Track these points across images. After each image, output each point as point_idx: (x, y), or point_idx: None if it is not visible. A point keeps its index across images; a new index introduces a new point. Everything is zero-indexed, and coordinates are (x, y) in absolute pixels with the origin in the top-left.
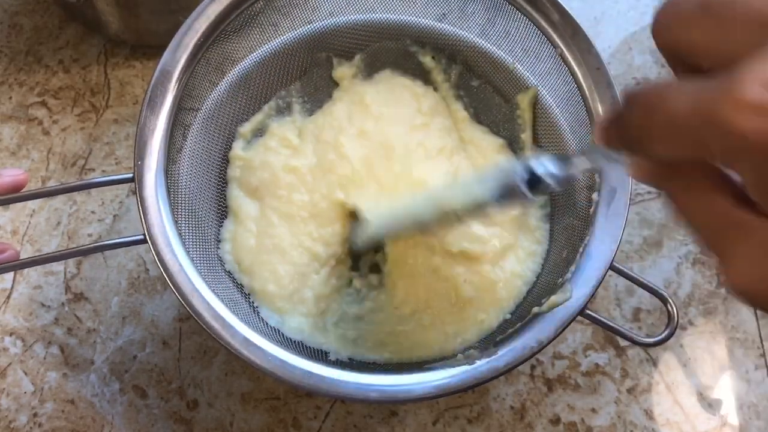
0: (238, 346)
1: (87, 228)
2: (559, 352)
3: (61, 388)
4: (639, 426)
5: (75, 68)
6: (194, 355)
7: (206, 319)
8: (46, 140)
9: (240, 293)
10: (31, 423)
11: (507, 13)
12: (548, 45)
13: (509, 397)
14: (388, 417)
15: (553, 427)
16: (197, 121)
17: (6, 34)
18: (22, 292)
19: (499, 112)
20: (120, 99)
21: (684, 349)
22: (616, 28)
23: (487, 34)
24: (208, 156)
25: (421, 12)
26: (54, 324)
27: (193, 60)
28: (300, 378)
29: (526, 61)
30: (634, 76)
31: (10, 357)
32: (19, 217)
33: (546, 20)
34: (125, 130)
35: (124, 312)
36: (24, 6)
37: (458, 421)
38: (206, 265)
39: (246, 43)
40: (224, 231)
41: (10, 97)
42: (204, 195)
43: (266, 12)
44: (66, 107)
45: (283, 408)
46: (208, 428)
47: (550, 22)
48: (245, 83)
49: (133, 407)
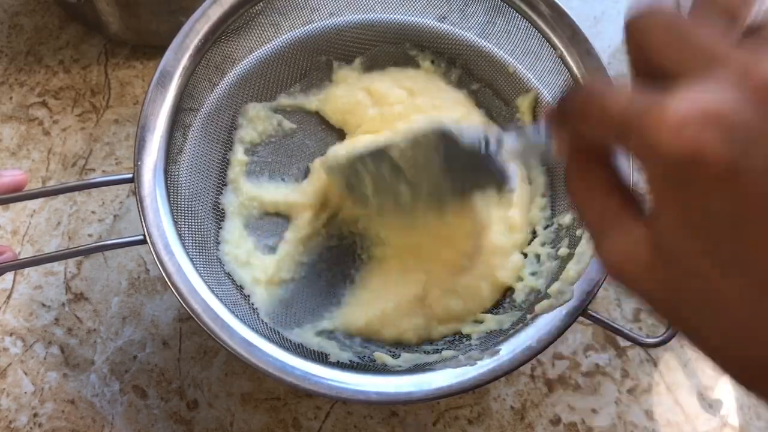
0: (237, 347)
1: (87, 228)
2: (559, 352)
3: (61, 388)
4: (639, 426)
5: (75, 68)
6: (194, 356)
7: (205, 320)
8: (46, 140)
9: (240, 294)
10: (31, 423)
11: (507, 15)
12: (548, 47)
13: (510, 397)
14: (388, 417)
15: (553, 427)
16: (197, 121)
17: (6, 34)
18: (22, 292)
19: (499, 115)
20: (120, 99)
21: (684, 350)
22: (616, 27)
23: (487, 35)
24: (208, 157)
25: (421, 13)
26: (54, 324)
27: (194, 60)
28: (300, 379)
29: (526, 63)
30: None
31: (10, 357)
32: (20, 217)
33: (545, 22)
34: (125, 131)
35: (125, 312)
36: (24, 6)
37: (458, 421)
38: (206, 265)
39: (246, 44)
40: (224, 232)
41: (11, 97)
42: (204, 195)
43: (266, 12)
44: (66, 107)
45: (283, 408)
46: (208, 428)
47: (548, 23)
48: (246, 84)
49: (133, 407)
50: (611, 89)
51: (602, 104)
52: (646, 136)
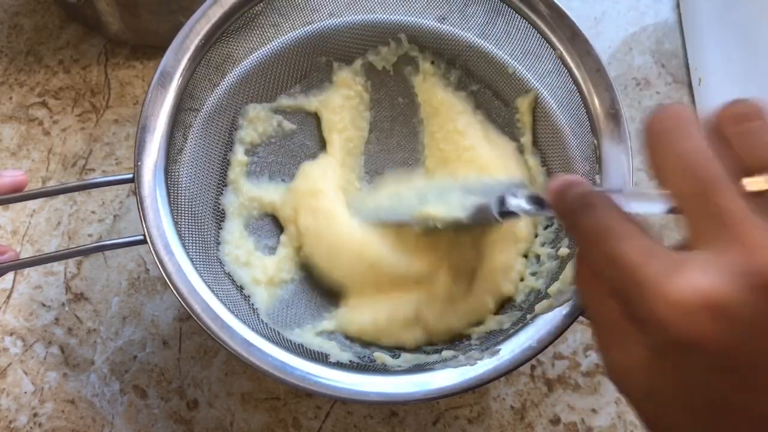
0: (237, 347)
1: (87, 228)
2: (559, 352)
3: (61, 388)
4: (639, 426)
5: (75, 68)
6: (194, 355)
7: (205, 320)
8: (46, 140)
9: (240, 294)
10: (31, 423)
11: (506, 16)
12: (547, 47)
13: (509, 397)
14: (388, 417)
15: (553, 427)
16: (198, 121)
17: (6, 34)
18: (22, 292)
19: (498, 116)
20: (120, 99)
21: None
22: (617, 28)
23: (487, 36)
24: (208, 157)
25: (421, 13)
26: (54, 324)
27: (194, 61)
28: (300, 379)
29: (525, 63)
30: (634, 76)
31: (10, 357)
32: (19, 217)
33: (545, 22)
34: (125, 131)
35: (125, 312)
36: (24, 6)
37: (458, 421)
38: (206, 265)
39: (246, 44)
40: (224, 232)
41: (11, 97)
42: (204, 196)
43: (267, 13)
44: (66, 107)
45: (283, 408)
46: (208, 428)
47: (548, 24)
48: (246, 85)
49: (133, 407)
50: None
51: (613, 250)
52: (650, 308)
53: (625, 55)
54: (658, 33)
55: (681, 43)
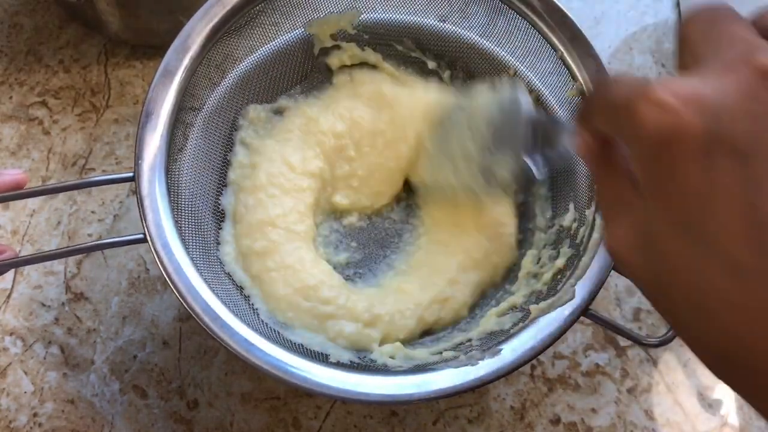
0: (237, 347)
1: (87, 228)
2: (559, 352)
3: (61, 388)
4: (639, 426)
5: (75, 68)
6: (194, 355)
7: (205, 320)
8: (46, 140)
9: (240, 294)
10: (31, 423)
11: (507, 16)
12: (548, 47)
13: (509, 397)
14: (388, 417)
15: (553, 427)
16: (199, 120)
17: (6, 34)
18: (22, 291)
19: None
20: (120, 99)
21: (684, 349)
22: (617, 28)
23: (488, 36)
24: (209, 156)
25: (422, 13)
26: (54, 324)
27: (195, 60)
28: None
29: (526, 63)
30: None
31: (10, 357)
32: (19, 216)
33: (545, 23)
34: (126, 130)
35: (125, 312)
36: (24, 6)
37: (458, 421)
38: (206, 264)
39: (247, 43)
40: (224, 233)
41: (11, 96)
42: (204, 195)
43: (267, 12)
44: (66, 107)
45: (283, 408)
46: (208, 428)
47: (549, 24)
48: (247, 85)
49: (133, 407)
50: (615, 81)
51: (607, 93)
52: (633, 117)
53: (625, 55)
54: (658, 33)
55: None
